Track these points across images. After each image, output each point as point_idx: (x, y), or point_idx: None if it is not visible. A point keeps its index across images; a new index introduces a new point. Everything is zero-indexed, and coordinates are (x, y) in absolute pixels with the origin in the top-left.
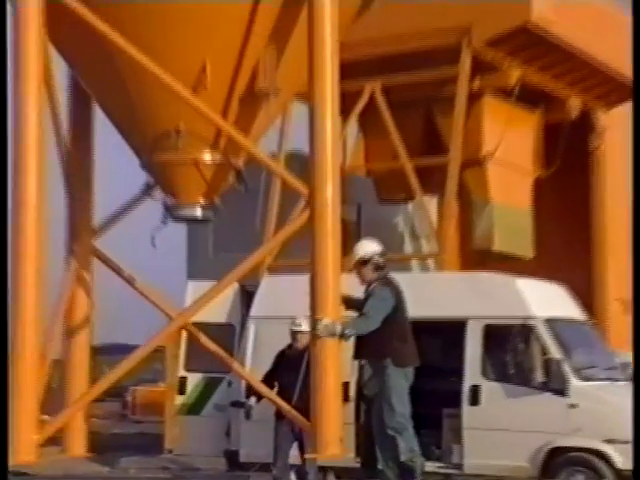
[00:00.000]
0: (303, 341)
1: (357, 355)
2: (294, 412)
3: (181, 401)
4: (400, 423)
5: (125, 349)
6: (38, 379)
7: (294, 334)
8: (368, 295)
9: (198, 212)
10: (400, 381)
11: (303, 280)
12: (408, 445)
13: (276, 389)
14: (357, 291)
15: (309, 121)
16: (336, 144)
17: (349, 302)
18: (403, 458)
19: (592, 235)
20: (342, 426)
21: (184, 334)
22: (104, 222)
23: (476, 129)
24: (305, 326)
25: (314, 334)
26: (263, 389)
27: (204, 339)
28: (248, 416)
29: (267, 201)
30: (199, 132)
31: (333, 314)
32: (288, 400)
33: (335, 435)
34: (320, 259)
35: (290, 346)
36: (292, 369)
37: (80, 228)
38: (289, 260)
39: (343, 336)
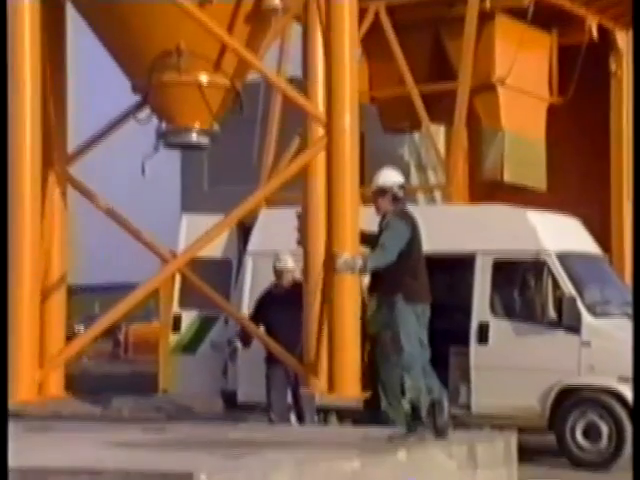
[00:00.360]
0: (289, 278)
1: (369, 289)
2: (286, 354)
3: (176, 339)
4: (407, 360)
5: (116, 288)
6: (37, 315)
7: (279, 272)
8: (383, 227)
9: (193, 137)
10: (410, 318)
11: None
12: (414, 383)
13: (262, 330)
14: (368, 225)
15: (324, 45)
16: (354, 69)
17: (361, 236)
18: (408, 396)
19: (610, 166)
20: (359, 366)
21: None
22: (80, 147)
23: (487, 52)
24: (290, 262)
25: (332, 270)
26: (255, 330)
27: (196, 277)
28: (232, 358)
29: (264, 132)
30: (201, 52)
31: (351, 249)
32: (277, 341)
33: (354, 376)
34: (337, 191)
35: (276, 285)
36: (280, 309)
37: (53, 153)
38: (288, 193)
39: (362, 271)
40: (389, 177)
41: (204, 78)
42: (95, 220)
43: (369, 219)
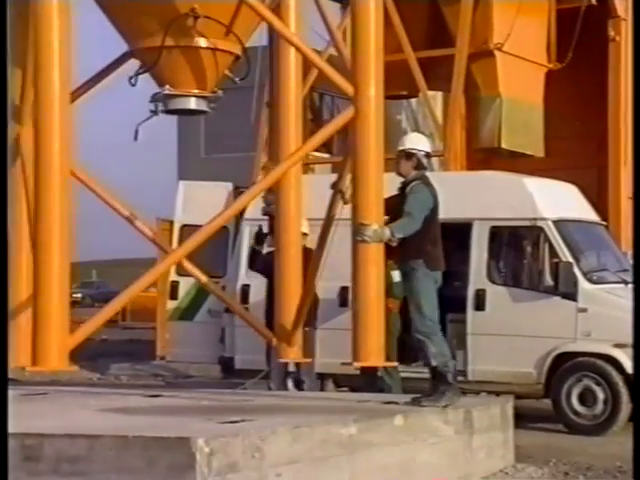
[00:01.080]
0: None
1: (389, 256)
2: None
3: (173, 306)
4: (429, 327)
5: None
6: (67, 278)
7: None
8: (407, 192)
9: (199, 103)
10: (430, 285)
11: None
12: (439, 349)
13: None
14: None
15: (351, 19)
16: (379, 39)
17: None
18: (434, 363)
19: (608, 131)
20: (382, 334)
21: (175, 236)
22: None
23: (485, 18)
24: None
25: (360, 240)
26: (235, 306)
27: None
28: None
29: (261, 99)
30: (215, 15)
31: (377, 219)
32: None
33: (378, 344)
34: (362, 162)
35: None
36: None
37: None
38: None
39: (390, 240)
40: (418, 142)
41: (218, 43)
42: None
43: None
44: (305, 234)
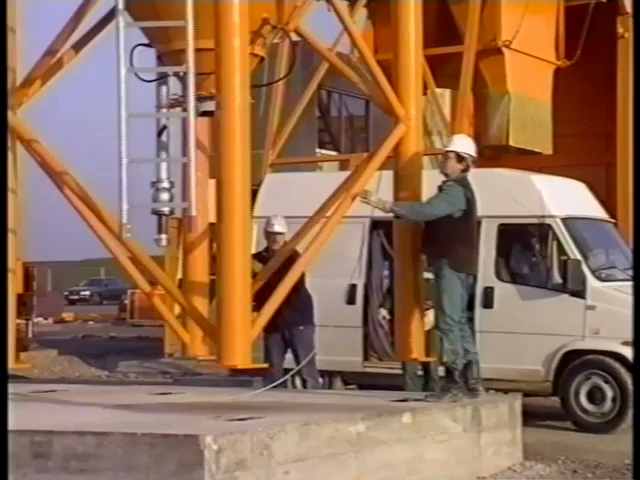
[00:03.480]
0: (280, 242)
1: (422, 250)
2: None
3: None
4: (448, 324)
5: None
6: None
7: (270, 235)
8: (441, 188)
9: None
10: (455, 284)
11: (308, 178)
12: (453, 347)
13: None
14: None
15: (396, 24)
16: (419, 53)
17: None
18: (445, 359)
19: (616, 129)
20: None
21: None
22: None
23: (493, 15)
24: (280, 227)
25: (364, 202)
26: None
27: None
28: None
29: (270, 96)
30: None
31: None
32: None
33: (418, 341)
34: (409, 175)
35: (266, 249)
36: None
37: None
38: (293, 157)
39: (392, 211)
40: (470, 148)
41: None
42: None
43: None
44: (281, 233)
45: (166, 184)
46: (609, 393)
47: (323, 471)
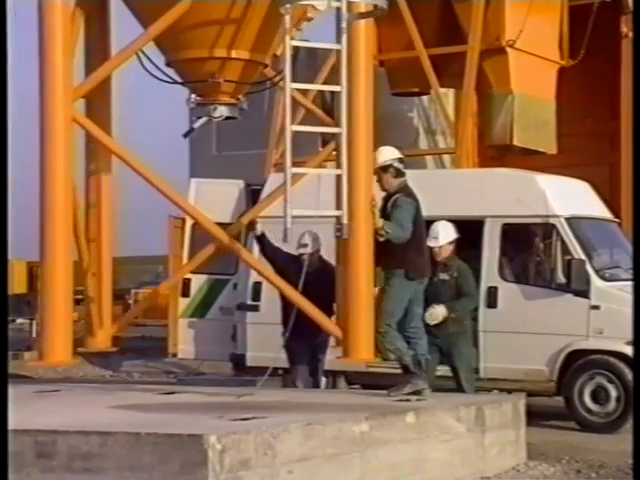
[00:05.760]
0: (313, 260)
1: (376, 263)
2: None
3: (185, 304)
4: (385, 328)
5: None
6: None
7: (302, 258)
8: (390, 205)
9: (225, 111)
10: (405, 293)
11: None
12: (393, 346)
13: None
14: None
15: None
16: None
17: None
18: (392, 358)
19: (620, 128)
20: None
21: (187, 234)
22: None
23: (497, 15)
24: (309, 248)
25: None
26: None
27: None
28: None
29: (273, 97)
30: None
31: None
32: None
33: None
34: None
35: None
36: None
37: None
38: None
39: (379, 229)
40: (388, 154)
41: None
42: None
43: None
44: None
45: None
46: (613, 393)
47: (327, 471)
